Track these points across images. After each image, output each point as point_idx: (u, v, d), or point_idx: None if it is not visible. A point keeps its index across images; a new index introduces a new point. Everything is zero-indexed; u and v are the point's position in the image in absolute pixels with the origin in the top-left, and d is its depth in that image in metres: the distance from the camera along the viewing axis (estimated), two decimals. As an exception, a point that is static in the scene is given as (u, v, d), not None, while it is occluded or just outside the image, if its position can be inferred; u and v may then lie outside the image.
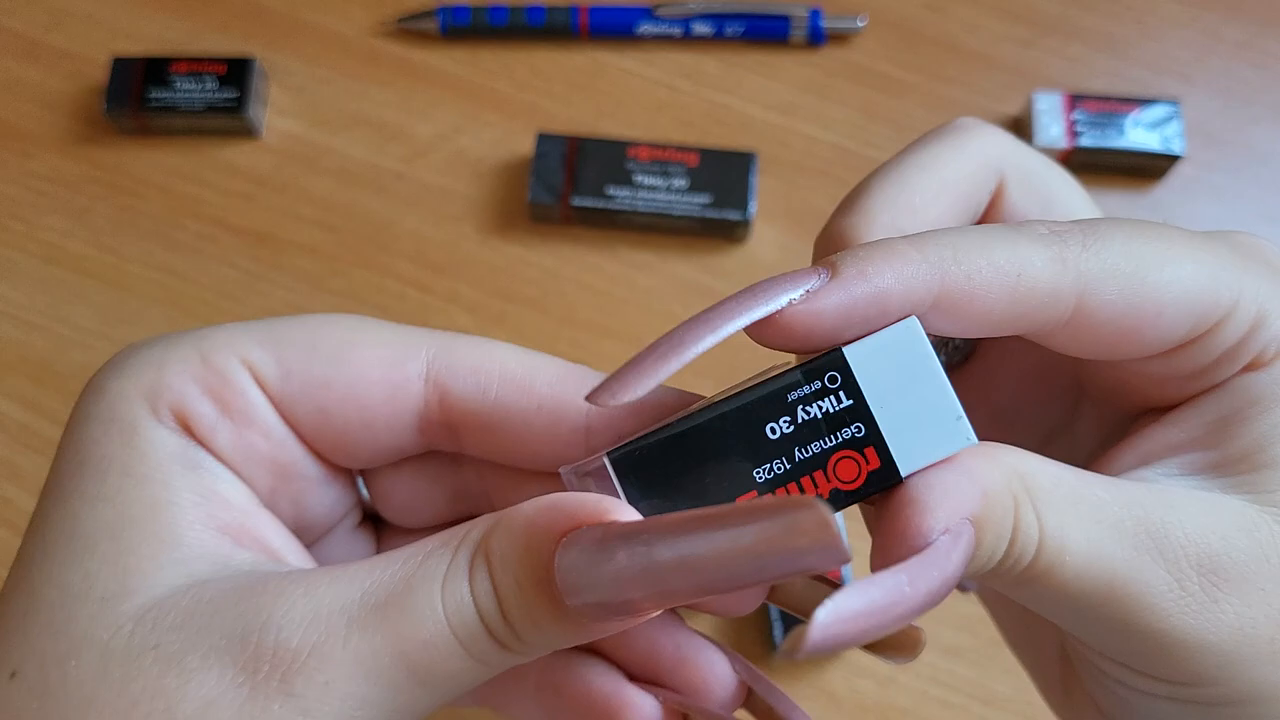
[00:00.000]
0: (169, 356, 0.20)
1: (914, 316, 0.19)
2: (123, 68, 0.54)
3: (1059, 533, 0.19)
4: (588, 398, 0.19)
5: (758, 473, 0.19)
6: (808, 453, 0.19)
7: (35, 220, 0.54)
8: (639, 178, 0.52)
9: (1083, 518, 0.19)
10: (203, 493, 0.20)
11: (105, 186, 0.54)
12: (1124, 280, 0.20)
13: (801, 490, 0.19)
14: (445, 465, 0.24)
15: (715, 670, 0.22)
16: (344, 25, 0.57)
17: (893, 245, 0.19)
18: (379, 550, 0.25)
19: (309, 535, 0.23)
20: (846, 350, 0.19)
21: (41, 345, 0.52)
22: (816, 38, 0.56)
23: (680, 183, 0.52)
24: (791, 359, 0.22)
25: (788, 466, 0.19)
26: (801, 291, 0.19)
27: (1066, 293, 0.20)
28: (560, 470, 0.21)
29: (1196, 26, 0.57)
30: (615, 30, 0.56)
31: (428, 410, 0.22)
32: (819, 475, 0.19)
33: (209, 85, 0.54)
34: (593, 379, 0.22)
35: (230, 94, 0.53)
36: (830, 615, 0.16)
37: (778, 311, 0.19)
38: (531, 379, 0.22)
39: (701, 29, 0.56)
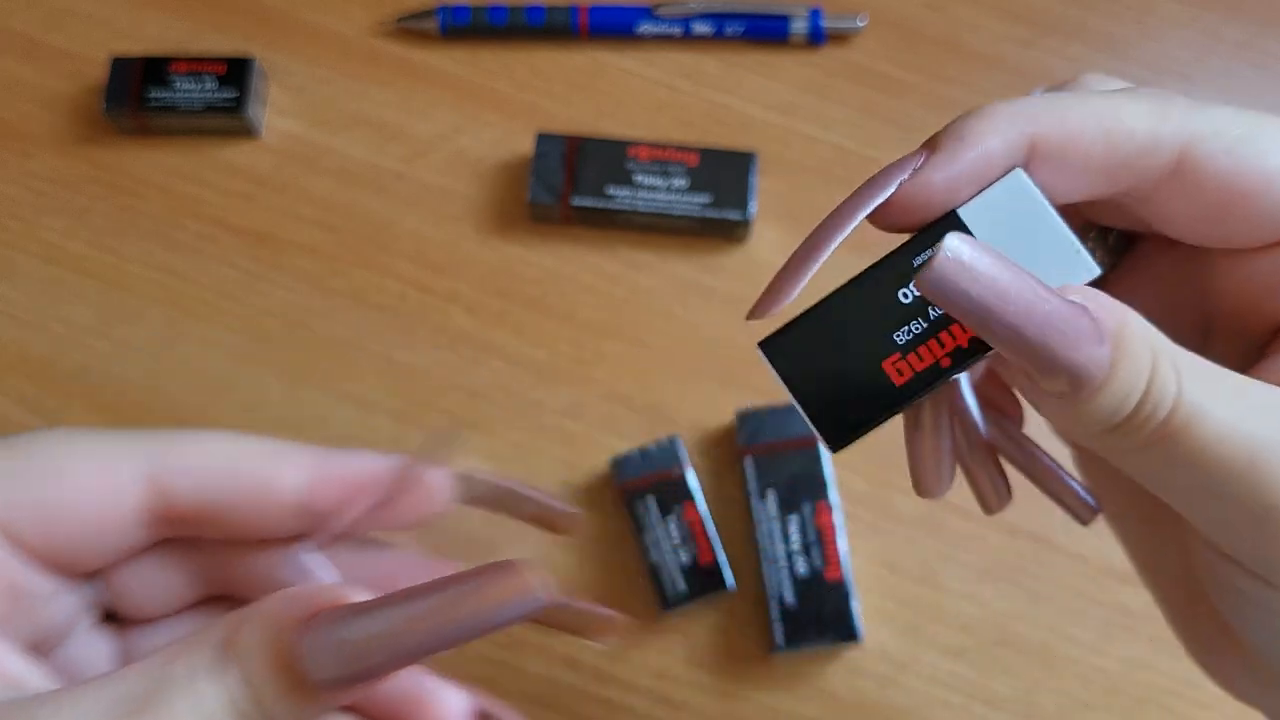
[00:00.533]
0: None
1: (1019, 168, 0.20)
2: (122, 67, 0.54)
3: (1197, 395, 0.19)
4: (749, 316, 0.21)
5: (898, 335, 0.21)
6: (941, 310, 0.21)
7: (34, 220, 0.54)
8: (639, 177, 0.52)
9: (1224, 391, 0.19)
10: None
11: (105, 186, 0.55)
12: (1230, 141, 0.20)
13: (941, 345, 0.21)
14: (180, 550, 0.25)
15: (452, 706, 0.24)
16: (343, 25, 0.57)
17: (986, 107, 0.21)
18: (123, 645, 0.26)
19: (49, 644, 0.24)
20: (960, 210, 0.21)
21: (41, 345, 0.52)
22: (816, 37, 0.56)
23: (680, 182, 0.52)
24: None
25: (924, 325, 0.21)
26: (909, 171, 0.20)
27: (1167, 140, 0.20)
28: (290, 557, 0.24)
29: (1196, 26, 0.57)
30: (615, 30, 0.56)
31: (151, 509, 0.23)
32: (955, 329, 0.21)
33: (208, 85, 0.54)
34: (303, 454, 0.24)
35: (230, 94, 0.53)
36: (960, 250, 0.17)
37: (892, 195, 0.20)
38: (242, 468, 0.23)
39: (701, 29, 0.56)
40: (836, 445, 0.22)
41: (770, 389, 0.51)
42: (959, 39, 0.57)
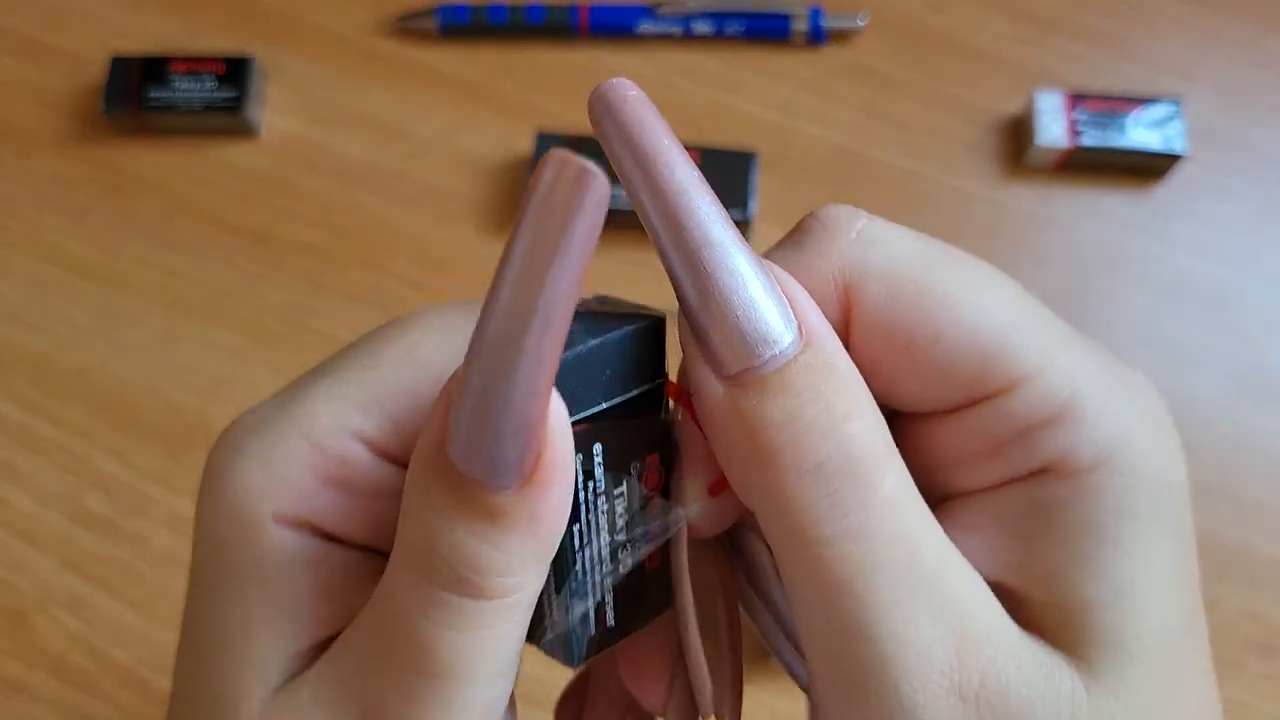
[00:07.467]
0: (277, 451, 0.19)
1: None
2: (121, 66, 0.54)
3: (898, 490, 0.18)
4: None
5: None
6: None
7: (34, 219, 0.54)
8: (639, 177, 0.52)
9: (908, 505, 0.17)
10: (326, 588, 0.19)
11: (104, 185, 0.54)
12: (898, 283, 0.18)
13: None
14: None
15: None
16: (343, 24, 0.57)
17: None
18: None
19: None
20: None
21: (40, 345, 0.52)
22: (817, 37, 0.56)
23: (680, 182, 0.52)
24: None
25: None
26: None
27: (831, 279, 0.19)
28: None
29: (1199, 26, 0.57)
30: (615, 29, 0.56)
31: None
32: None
33: (208, 84, 0.53)
34: None
35: (229, 93, 0.53)
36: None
37: None
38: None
39: (702, 28, 0.56)
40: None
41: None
42: (960, 38, 0.57)
